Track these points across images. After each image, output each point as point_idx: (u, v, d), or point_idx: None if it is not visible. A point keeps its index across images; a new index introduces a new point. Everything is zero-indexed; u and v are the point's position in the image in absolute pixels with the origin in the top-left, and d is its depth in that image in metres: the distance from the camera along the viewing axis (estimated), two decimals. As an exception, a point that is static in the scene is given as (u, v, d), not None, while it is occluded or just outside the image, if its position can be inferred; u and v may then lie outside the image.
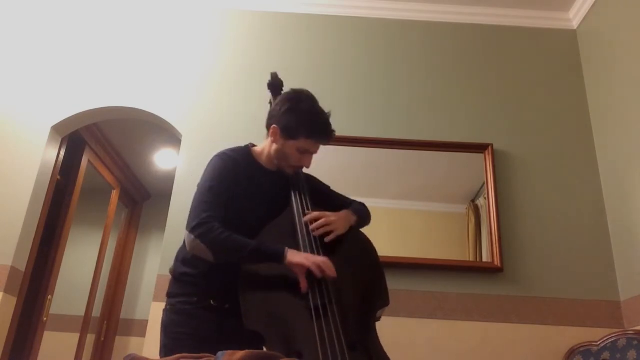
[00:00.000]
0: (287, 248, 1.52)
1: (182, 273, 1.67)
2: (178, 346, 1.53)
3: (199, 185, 1.68)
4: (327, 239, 1.62)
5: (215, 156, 1.73)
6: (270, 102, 2.04)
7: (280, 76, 1.98)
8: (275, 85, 2.02)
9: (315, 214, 1.66)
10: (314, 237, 1.62)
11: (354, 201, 1.85)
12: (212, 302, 1.61)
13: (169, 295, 1.69)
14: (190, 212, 1.60)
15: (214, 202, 1.60)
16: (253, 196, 1.70)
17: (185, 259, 1.68)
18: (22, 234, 2.62)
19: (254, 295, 1.52)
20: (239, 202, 1.65)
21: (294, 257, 1.50)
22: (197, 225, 1.54)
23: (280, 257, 1.50)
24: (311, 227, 1.63)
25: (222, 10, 3.12)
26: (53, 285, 3.14)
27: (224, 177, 1.66)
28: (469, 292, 2.49)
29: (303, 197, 1.73)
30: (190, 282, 1.64)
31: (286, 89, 2.88)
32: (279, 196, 1.74)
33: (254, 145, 1.85)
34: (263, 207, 1.70)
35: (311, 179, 1.89)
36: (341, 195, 1.89)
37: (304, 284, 1.48)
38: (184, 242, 1.69)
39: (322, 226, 1.63)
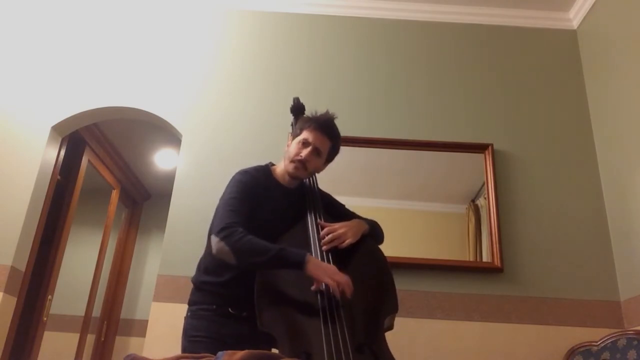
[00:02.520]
0: (309, 255, 1.56)
1: (203, 282, 1.75)
2: (197, 348, 1.60)
3: (222, 198, 1.75)
4: (340, 246, 1.70)
5: (237, 173, 1.83)
6: (292, 125, 2.12)
7: (281, 76, 1.99)
8: (297, 108, 2.11)
9: (327, 227, 1.74)
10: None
11: (368, 219, 1.91)
12: (230, 310, 1.68)
13: (190, 303, 1.76)
14: (215, 219, 1.68)
15: (238, 210, 1.67)
16: (271, 212, 1.77)
17: (207, 268, 1.75)
18: (22, 234, 2.62)
19: (268, 297, 1.58)
20: (258, 217, 1.72)
21: (317, 270, 1.54)
22: (222, 229, 1.61)
23: (301, 265, 1.54)
24: (323, 240, 1.70)
25: (223, 9, 3.12)
26: (53, 285, 3.14)
27: (245, 191, 1.74)
28: (469, 292, 2.49)
29: (317, 210, 1.81)
30: (211, 290, 1.72)
31: (288, 89, 2.90)
32: (295, 213, 1.82)
33: (273, 165, 1.94)
34: (280, 223, 1.76)
35: (326, 196, 1.97)
36: (355, 213, 1.96)
37: (316, 287, 1.55)
38: (206, 251, 1.80)
39: (332, 240, 1.70)
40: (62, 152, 3.01)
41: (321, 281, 1.53)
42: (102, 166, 3.80)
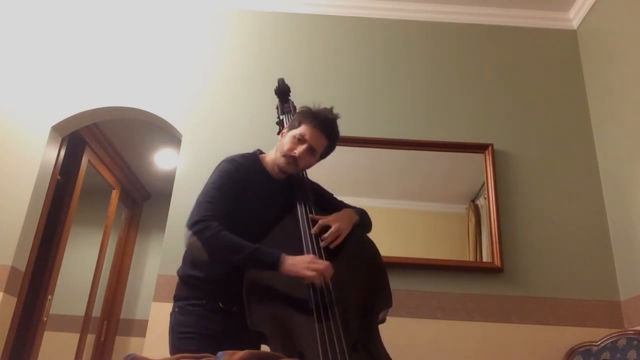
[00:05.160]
0: (284, 255, 1.50)
1: (190, 275, 1.68)
2: (186, 345, 1.55)
3: (205, 186, 1.68)
4: (332, 245, 1.63)
5: (223, 160, 1.75)
6: (277, 108, 2.05)
7: (281, 76, 1.98)
8: (282, 90, 2.03)
9: (321, 221, 1.67)
10: (318, 239, 1.64)
11: (356, 207, 1.87)
12: (220, 304, 1.62)
13: (177, 298, 1.69)
14: (192, 210, 1.60)
15: (217, 202, 1.60)
16: (258, 201, 1.71)
17: (194, 262, 1.68)
18: (22, 234, 2.62)
19: (257, 295, 1.52)
20: (245, 206, 1.66)
21: (293, 267, 1.48)
22: (196, 222, 1.53)
23: (275, 267, 1.49)
24: (322, 237, 1.64)
25: (223, 9, 3.12)
26: (53, 285, 3.14)
27: (229, 180, 1.66)
28: (469, 292, 2.49)
29: (307, 202, 1.74)
30: (199, 285, 1.65)
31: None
32: (284, 203, 1.75)
33: (262, 152, 1.87)
34: (268, 213, 1.71)
35: (315, 186, 1.91)
36: (343, 202, 1.91)
37: (308, 281, 1.49)
38: None
39: (333, 236, 1.64)
40: (62, 152, 3.01)
41: (301, 276, 1.47)
42: (102, 166, 3.80)
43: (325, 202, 1.85)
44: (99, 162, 3.74)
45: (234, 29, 3.08)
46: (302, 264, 1.48)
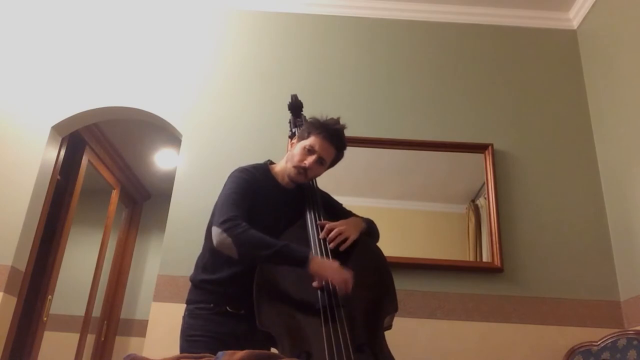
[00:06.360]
0: (312, 253, 1.57)
1: (201, 280, 1.74)
2: (195, 348, 1.59)
3: (222, 194, 1.74)
4: (341, 247, 1.68)
5: (236, 170, 1.82)
6: (290, 122, 2.11)
7: (281, 76, 1.98)
8: (295, 106, 2.10)
9: (328, 225, 1.72)
10: (326, 244, 1.68)
11: (364, 217, 1.91)
12: (228, 308, 1.68)
13: (188, 302, 1.75)
14: (217, 211, 1.67)
15: (239, 204, 1.67)
16: (268, 210, 1.76)
17: (205, 266, 1.75)
18: (22, 234, 2.62)
19: (267, 297, 1.57)
20: (255, 214, 1.71)
21: (321, 267, 1.54)
22: (225, 221, 1.60)
23: (304, 263, 1.53)
24: (328, 237, 1.69)
25: (223, 9, 3.12)
26: (53, 285, 3.14)
27: (245, 187, 1.74)
28: (469, 292, 2.49)
29: (316, 210, 1.80)
30: (208, 289, 1.71)
31: (288, 89, 2.90)
32: (293, 212, 1.81)
33: (272, 163, 1.93)
34: (277, 221, 1.76)
35: (326, 195, 1.96)
36: (352, 212, 1.96)
37: (318, 283, 1.55)
38: (204, 248, 1.80)
39: (337, 236, 1.69)
40: (62, 152, 3.01)
41: (326, 278, 1.53)
42: (102, 166, 3.80)
43: (335, 211, 1.91)
44: (99, 162, 3.74)
45: (234, 29, 3.08)
46: (331, 268, 1.54)
